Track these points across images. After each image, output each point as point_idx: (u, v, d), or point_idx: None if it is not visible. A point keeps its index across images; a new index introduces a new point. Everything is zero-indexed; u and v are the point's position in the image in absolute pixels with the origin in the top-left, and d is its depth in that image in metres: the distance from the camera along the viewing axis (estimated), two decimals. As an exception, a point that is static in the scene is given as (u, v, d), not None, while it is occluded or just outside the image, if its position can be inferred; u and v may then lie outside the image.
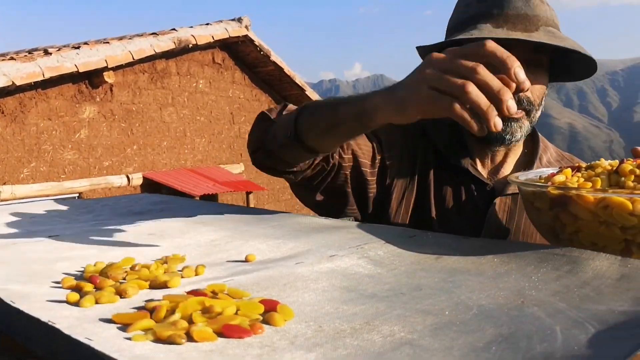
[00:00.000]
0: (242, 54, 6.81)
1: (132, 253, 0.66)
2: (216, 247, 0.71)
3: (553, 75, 1.01)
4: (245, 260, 0.64)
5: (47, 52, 4.47)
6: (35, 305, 0.46)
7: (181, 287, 0.53)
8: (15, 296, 0.48)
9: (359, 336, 0.41)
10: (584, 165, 0.74)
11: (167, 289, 0.53)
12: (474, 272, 0.57)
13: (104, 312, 0.46)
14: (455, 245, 0.67)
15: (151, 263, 0.60)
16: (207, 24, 6.13)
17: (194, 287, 0.52)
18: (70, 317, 0.44)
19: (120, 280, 0.54)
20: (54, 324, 0.41)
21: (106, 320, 0.44)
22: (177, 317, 0.43)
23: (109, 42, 4.96)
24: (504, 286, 0.52)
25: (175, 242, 0.74)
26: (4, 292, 0.49)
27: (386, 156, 1.01)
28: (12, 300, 0.47)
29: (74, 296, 0.49)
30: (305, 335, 0.41)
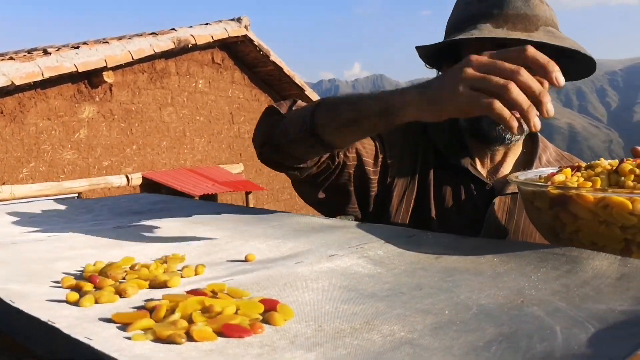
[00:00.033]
0: (242, 53, 6.81)
1: (131, 253, 0.66)
2: (216, 247, 0.71)
3: None
4: (245, 260, 0.64)
5: (46, 52, 4.46)
6: (35, 304, 0.46)
7: (181, 286, 0.53)
8: (15, 296, 0.48)
9: (358, 336, 0.41)
10: (584, 164, 0.74)
11: (167, 288, 0.53)
12: (473, 272, 0.57)
13: (104, 311, 0.46)
14: (455, 244, 0.68)
15: (151, 263, 0.60)
16: (207, 23, 6.12)
17: (193, 286, 0.52)
18: (69, 317, 0.44)
19: (120, 280, 0.54)
20: (53, 323, 0.41)
21: (106, 319, 0.44)
22: (176, 317, 0.43)
23: (108, 42, 4.95)
24: (504, 286, 0.52)
25: (174, 242, 0.74)
26: (3, 291, 0.49)
27: (388, 155, 1.01)
28: (12, 299, 0.47)
29: (73, 296, 0.49)
30: (305, 335, 0.41)
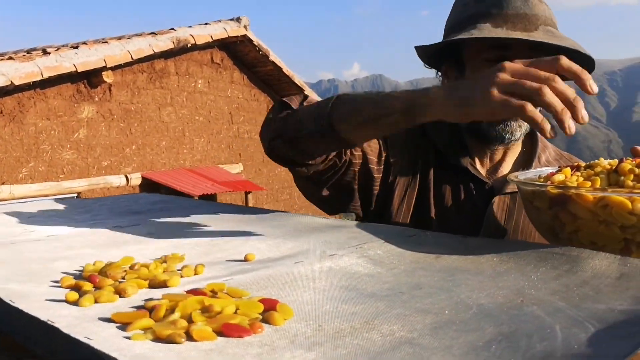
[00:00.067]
0: (241, 53, 6.81)
1: (131, 252, 0.66)
2: (215, 247, 0.71)
3: None
4: (244, 260, 0.64)
5: (45, 52, 4.46)
6: (35, 304, 0.46)
7: (180, 286, 0.53)
8: (15, 295, 0.48)
9: (358, 335, 0.41)
10: (583, 164, 0.74)
11: (167, 288, 0.53)
12: (473, 271, 0.57)
13: (103, 311, 0.46)
14: (454, 244, 0.68)
15: (150, 262, 0.60)
16: (206, 23, 6.12)
17: (193, 286, 0.52)
18: (69, 316, 0.44)
19: (120, 280, 0.54)
20: (53, 323, 0.41)
21: (105, 319, 0.44)
22: (176, 316, 0.43)
23: (107, 42, 4.95)
24: (504, 285, 0.52)
25: (174, 242, 0.74)
26: (3, 291, 0.49)
27: (390, 154, 1.01)
28: (12, 299, 0.47)
29: (73, 295, 0.49)
30: (305, 335, 0.41)
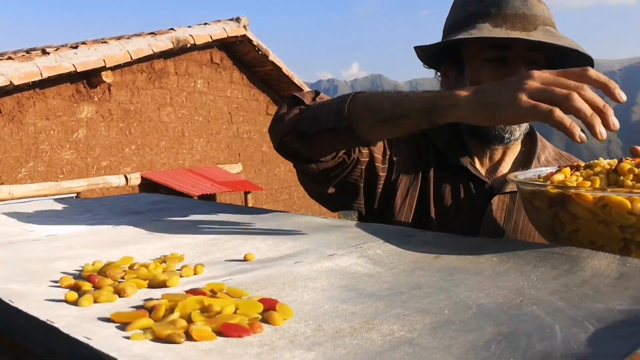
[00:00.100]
0: (240, 53, 6.81)
1: (130, 252, 0.66)
2: (215, 246, 0.71)
3: None
4: (244, 260, 0.64)
5: (45, 52, 4.46)
6: (34, 304, 0.46)
7: (180, 286, 0.53)
8: (14, 295, 0.48)
9: (358, 335, 0.41)
10: (583, 164, 0.74)
11: (166, 288, 0.53)
12: (473, 271, 0.57)
13: (103, 311, 0.46)
14: (454, 244, 0.68)
15: (150, 262, 0.60)
16: (205, 23, 6.12)
17: (192, 286, 0.52)
18: (68, 316, 0.44)
19: (119, 280, 0.54)
20: (52, 323, 0.41)
21: (105, 319, 0.44)
22: (176, 316, 0.43)
23: (107, 42, 4.95)
24: (503, 285, 0.52)
25: (173, 241, 0.73)
26: (2, 291, 0.49)
27: (394, 152, 1.01)
28: (11, 299, 0.47)
29: (72, 295, 0.49)
30: (305, 334, 0.41)
